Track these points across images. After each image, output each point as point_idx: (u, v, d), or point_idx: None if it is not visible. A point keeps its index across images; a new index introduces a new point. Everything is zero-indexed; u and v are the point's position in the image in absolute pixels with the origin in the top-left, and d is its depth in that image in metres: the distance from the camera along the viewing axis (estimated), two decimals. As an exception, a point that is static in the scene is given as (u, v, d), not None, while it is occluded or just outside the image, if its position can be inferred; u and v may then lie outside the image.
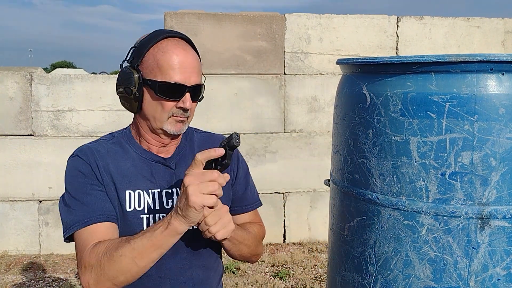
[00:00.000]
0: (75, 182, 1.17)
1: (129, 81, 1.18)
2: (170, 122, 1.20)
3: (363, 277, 1.18)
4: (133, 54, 1.20)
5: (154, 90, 1.16)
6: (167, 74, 1.15)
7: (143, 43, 1.19)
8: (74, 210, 1.14)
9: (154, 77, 1.16)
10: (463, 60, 1.01)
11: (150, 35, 1.20)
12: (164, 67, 1.16)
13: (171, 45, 1.18)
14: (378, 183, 1.13)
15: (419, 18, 4.22)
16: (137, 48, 1.20)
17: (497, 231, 1.03)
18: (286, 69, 4.06)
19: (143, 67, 1.18)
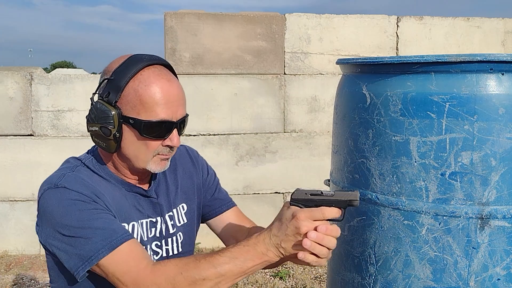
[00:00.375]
0: (74, 212, 1.00)
1: (106, 120, 1.03)
2: (155, 161, 1.10)
3: (363, 277, 1.18)
4: (107, 87, 1.05)
5: (138, 130, 1.04)
6: (152, 111, 1.03)
7: (119, 74, 1.04)
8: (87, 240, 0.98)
9: (137, 115, 1.03)
10: (463, 60, 1.01)
11: (125, 64, 1.05)
12: (149, 103, 1.03)
13: (154, 76, 1.05)
14: (378, 183, 1.13)
15: (419, 18, 4.22)
16: (112, 80, 1.04)
17: (497, 231, 1.03)
18: (286, 69, 4.06)
19: (122, 103, 1.04)
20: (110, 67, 1.08)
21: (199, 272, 0.97)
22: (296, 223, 0.93)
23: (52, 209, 1.01)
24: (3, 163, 3.84)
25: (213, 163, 4.61)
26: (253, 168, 4.02)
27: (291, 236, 0.94)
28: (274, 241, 0.96)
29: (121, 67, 1.05)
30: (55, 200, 1.02)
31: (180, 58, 3.88)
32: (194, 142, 3.93)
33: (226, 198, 1.36)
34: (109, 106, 1.04)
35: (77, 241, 0.99)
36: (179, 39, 3.86)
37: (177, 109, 1.08)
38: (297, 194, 0.97)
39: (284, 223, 0.96)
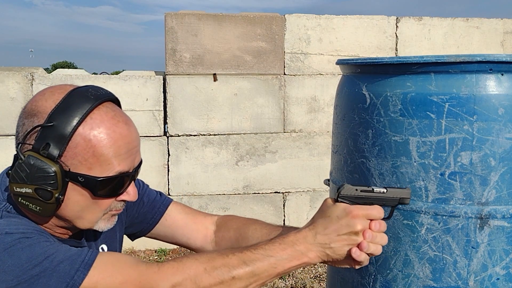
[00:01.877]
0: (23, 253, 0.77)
1: (45, 180, 0.80)
2: (104, 219, 0.91)
3: (363, 276, 1.19)
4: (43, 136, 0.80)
5: (90, 189, 0.84)
6: (108, 164, 0.83)
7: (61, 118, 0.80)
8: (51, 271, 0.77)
9: (88, 171, 0.82)
10: (462, 61, 1.01)
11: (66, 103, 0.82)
12: (105, 155, 0.83)
13: (108, 119, 0.84)
14: (378, 183, 1.13)
15: (418, 18, 4.23)
16: (51, 128, 0.80)
17: (496, 230, 1.04)
18: (286, 70, 4.06)
19: (68, 156, 0.81)
20: (42, 107, 0.82)
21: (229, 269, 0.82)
22: (351, 221, 0.84)
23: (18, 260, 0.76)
24: (4, 163, 3.84)
25: (213, 163, 4.62)
26: (253, 168, 4.02)
27: (344, 235, 0.84)
28: (320, 240, 0.85)
29: (60, 109, 0.81)
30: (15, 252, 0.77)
31: (181, 59, 3.88)
32: (194, 142, 3.94)
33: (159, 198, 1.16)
34: (49, 162, 0.80)
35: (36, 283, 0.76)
36: (180, 40, 3.86)
37: (135, 157, 0.89)
38: (346, 190, 0.89)
39: (334, 221, 0.85)
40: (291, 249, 0.85)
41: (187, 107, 3.90)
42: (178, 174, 3.94)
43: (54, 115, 0.81)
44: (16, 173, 0.83)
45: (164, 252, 3.88)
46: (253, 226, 1.10)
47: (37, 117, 0.82)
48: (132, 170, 0.89)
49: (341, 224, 0.85)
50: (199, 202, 3.98)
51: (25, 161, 0.82)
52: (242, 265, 0.83)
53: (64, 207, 0.85)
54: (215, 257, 0.83)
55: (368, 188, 0.89)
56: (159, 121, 3.90)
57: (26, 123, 0.84)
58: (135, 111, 3.82)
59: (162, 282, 0.80)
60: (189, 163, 3.95)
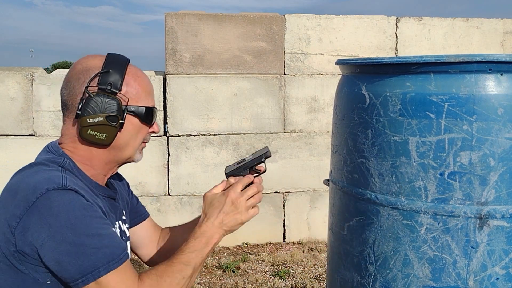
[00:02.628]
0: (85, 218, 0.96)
1: (111, 109, 1.07)
2: (139, 150, 1.18)
3: (363, 276, 1.19)
4: (104, 79, 1.08)
5: (139, 116, 1.12)
6: (146, 99, 1.14)
7: (113, 67, 1.10)
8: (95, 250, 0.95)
9: (136, 103, 1.12)
10: (462, 61, 1.01)
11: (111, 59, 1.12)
12: (144, 93, 1.14)
13: (137, 70, 1.16)
14: (377, 183, 1.13)
15: (418, 18, 4.23)
16: (108, 73, 1.08)
17: (495, 230, 1.04)
18: (286, 70, 4.06)
19: (124, 93, 1.10)
20: (93, 64, 1.11)
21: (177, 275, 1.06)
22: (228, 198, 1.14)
23: (59, 212, 0.94)
24: (4, 163, 3.85)
25: (213, 163, 4.62)
26: (253, 168, 4.02)
27: (229, 210, 1.14)
28: (216, 224, 1.13)
29: (110, 62, 1.11)
30: (65, 203, 0.95)
31: (181, 59, 3.88)
32: (195, 142, 3.94)
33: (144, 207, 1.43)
34: (113, 96, 1.08)
35: (82, 250, 0.94)
36: (180, 40, 3.87)
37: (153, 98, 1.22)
38: (228, 169, 1.22)
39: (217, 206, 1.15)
40: (204, 238, 1.12)
41: (187, 107, 3.90)
42: (178, 174, 3.94)
43: (107, 65, 1.09)
44: (88, 107, 1.07)
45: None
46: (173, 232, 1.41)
47: (92, 70, 1.09)
48: None
49: (225, 204, 1.14)
50: (199, 202, 3.98)
51: (95, 98, 1.07)
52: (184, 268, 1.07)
53: (119, 135, 1.11)
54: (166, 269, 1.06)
55: (241, 160, 1.23)
56: (159, 121, 3.90)
57: (82, 77, 1.09)
58: (135, 111, 3.82)
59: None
60: (189, 163, 3.95)
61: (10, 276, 0.98)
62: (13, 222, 0.94)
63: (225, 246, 4.04)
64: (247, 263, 3.67)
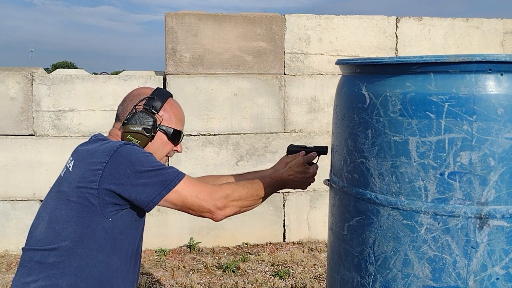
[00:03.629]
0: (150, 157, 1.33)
1: (148, 124, 1.43)
2: (163, 160, 1.50)
3: (363, 276, 1.19)
4: (149, 102, 1.45)
5: (167, 135, 1.47)
6: (177, 124, 1.50)
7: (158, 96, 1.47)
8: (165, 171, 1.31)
9: (168, 125, 1.48)
10: (462, 61, 1.01)
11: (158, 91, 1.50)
12: (177, 119, 1.50)
13: (176, 103, 1.53)
14: (377, 183, 1.13)
15: (418, 18, 4.23)
16: (152, 99, 1.46)
17: (495, 230, 1.04)
18: (286, 70, 4.06)
19: (161, 115, 1.46)
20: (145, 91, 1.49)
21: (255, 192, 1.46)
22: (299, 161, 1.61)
23: (132, 154, 1.30)
24: (4, 163, 3.85)
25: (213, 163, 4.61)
26: (253, 168, 4.02)
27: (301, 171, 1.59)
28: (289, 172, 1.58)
29: (157, 92, 1.49)
30: (133, 150, 1.31)
31: (181, 59, 3.88)
32: (195, 142, 3.94)
33: None
34: (152, 115, 1.44)
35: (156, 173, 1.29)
36: (180, 40, 3.86)
37: (184, 127, 1.56)
38: (291, 148, 1.70)
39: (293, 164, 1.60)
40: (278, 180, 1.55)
41: (187, 107, 3.90)
42: (178, 174, 3.94)
43: (154, 93, 1.48)
44: (133, 119, 1.43)
45: (164, 252, 3.88)
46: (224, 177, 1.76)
47: (142, 95, 1.48)
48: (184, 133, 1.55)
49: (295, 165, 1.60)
50: (199, 202, 3.98)
51: (139, 113, 1.44)
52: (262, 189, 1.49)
53: (150, 144, 1.45)
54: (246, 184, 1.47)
55: (303, 145, 1.71)
56: (159, 121, 3.90)
57: (134, 99, 1.48)
58: (135, 111, 3.82)
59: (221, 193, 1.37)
60: (189, 163, 3.95)
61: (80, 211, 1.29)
62: (99, 166, 1.28)
63: (225, 246, 4.04)
64: (247, 263, 3.67)
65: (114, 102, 3.87)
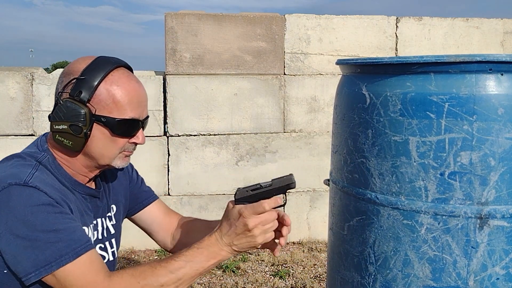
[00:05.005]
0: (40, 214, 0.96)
1: (77, 118, 1.04)
2: (119, 158, 1.14)
3: (363, 276, 1.19)
4: (77, 86, 1.05)
5: (110, 128, 1.07)
6: (124, 110, 1.08)
7: (90, 73, 1.06)
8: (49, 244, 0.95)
9: (109, 114, 1.07)
10: (462, 61, 1.01)
11: (95, 64, 1.07)
12: (121, 102, 1.07)
13: (124, 77, 1.09)
14: (378, 183, 1.13)
15: (418, 18, 4.23)
16: (83, 80, 1.05)
17: (496, 230, 1.04)
18: (286, 70, 4.06)
19: (94, 102, 1.06)
20: (76, 67, 1.07)
21: (157, 279, 1.00)
22: (243, 221, 1.03)
23: (15, 206, 0.95)
24: (4, 163, 3.85)
25: (213, 163, 4.62)
26: (253, 167, 4.02)
27: (242, 233, 1.04)
28: (226, 240, 1.05)
29: (90, 67, 1.06)
30: (23, 198, 0.96)
31: (181, 59, 3.88)
32: (195, 142, 3.94)
33: (151, 191, 1.42)
34: (80, 105, 1.05)
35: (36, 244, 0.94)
36: (180, 40, 3.86)
37: (143, 109, 1.13)
38: (240, 194, 1.06)
39: (232, 223, 1.04)
40: (206, 251, 1.04)
41: (187, 107, 3.90)
42: (178, 174, 3.94)
43: (85, 71, 1.06)
44: (56, 113, 1.06)
45: (164, 252, 3.88)
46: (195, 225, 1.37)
47: (72, 74, 1.07)
48: (141, 118, 1.13)
49: (237, 225, 1.04)
50: (199, 202, 3.99)
51: (63, 104, 1.05)
52: (168, 274, 1.01)
53: (90, 143, 1.09)
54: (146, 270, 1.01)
55: (256, 185, 1.06)
56: (159, 121, 3.90)
57: (64, 80, 1.08)
58: (135, 111, 3.83)
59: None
60: (189, 163, 3.95)
61: None
62: None
63: (225, 246, 4.04)
64: (247, 263, 3.67)
65: (114, 102, 3.87)
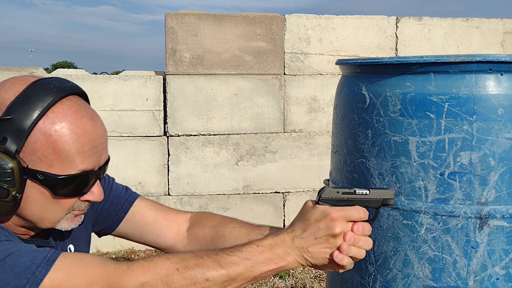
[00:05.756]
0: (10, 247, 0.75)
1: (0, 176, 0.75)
2: (68, 219, 0.86)
3: (363, 276, 1.19)
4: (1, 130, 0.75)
5: (50, 188, 0.79)
6: (70, 161, 0.79)
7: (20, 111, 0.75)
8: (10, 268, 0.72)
9: (48, 168, 0.77)
10: (462, 61, 1.01)
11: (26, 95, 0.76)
12: (66, 152, 0.78)
13: (71, 113, 0.79)
14: (377, 183, 1.13)
15: (418, 18, 4.23)
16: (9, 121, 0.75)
17: (495, 230, 1.04)
18: (286, 70, 4.06)
19: (26, 152, 0.76)
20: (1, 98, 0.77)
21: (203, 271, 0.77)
22: (329, 224, 0.80)
23: None
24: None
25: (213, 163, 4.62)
26: (253, 167, 4.02)
27: (322, 238, 0.81)
28: (298, 243, 0.82)
29: (20, 101, 0.76)
30: None
31: (181, 59, 3.88)
32: (195, 142, 3.94)
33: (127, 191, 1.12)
34: (6, 158, 0.75)
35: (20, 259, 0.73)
36: (180, 40, 3.86)
37: (101, 154, 0.84)
38: (327, 193, 0.85)
39: (312, 224, 0.81)
40: (269, 252, 0.81)
41: (187, 107, 3.90)
42: (178, 174, 3.94)
43: (12, 108, 0.75)
44: None
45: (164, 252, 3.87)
46: (231, 224, 1.05)
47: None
48: (97, 168, 0.84)
49: (319, 227, 0.81)
50: (199, 202, 3.99)
51: None
52: (217, 267, 0.78)
53: (24, 205, 0.80)
54: (189, 257, 0.78)
55: (350, 189, 0.84)
56: (159, 121, 3.90)
57: None
58: (135, 111, 3.82)
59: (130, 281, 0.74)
60: (189, 163, 3.95)
61: None
62: None
63: (225, 246, 4.04)
64: (247, 263, 3.67)
65: (113, 102, 3.87)
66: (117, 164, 3.70)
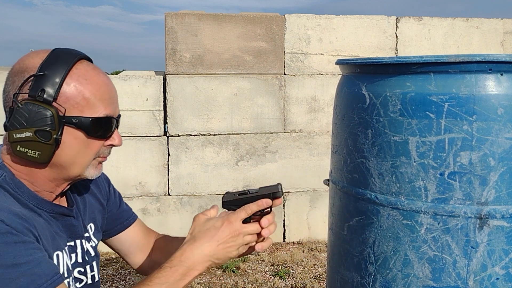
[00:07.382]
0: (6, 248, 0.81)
1: (43, 122, 0.87)
2: (93, 165, 0.98)
3: (362, 276, 1.19)
4: (37, 84, 0.88)
5: (84, 130, 0.92)
6: (97, 107, 0.93)
7: (51, 68, 0.89)
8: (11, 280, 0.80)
9: (80, 113, 0.91)
10: (462, 61, 1.01)
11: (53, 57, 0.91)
12: (92, 99, 0.92)
13: (90, 70, 0.94)
14: (377, 183, 1.13)
15: (418, 18, 4.23)
16: (43, 76, 0.88)
17: (495, 230, 1.04)
18: (286, 70, 4.06)
19: (61, 101, 0.90)
20: (31, 63, 0.91)
21: None
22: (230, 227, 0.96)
23: None
24: (4, 163, 3.84)
25: (213, 163, 4.62)
26: (253, 167, 4.02)
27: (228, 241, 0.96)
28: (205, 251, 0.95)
29: (49, 61, 0.90)
30: None
31: (181, 59, 3.88)
32: (195, 142, 3.94)
33: (130, 210, 1.27)
34: (46, 106, 0.88)
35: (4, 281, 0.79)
36: (180, 40, 3.86)
37: (116, 106, 0.99)
38: (228, 197, 1.04)
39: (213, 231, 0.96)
40: (181, 268, 0.93)
41: (187, 107, 3.90)
42: (178, 174, 3.94)
43: (44, 66, 0.90)
44: (15, 120, 0.89)
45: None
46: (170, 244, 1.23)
47: (27, 72, 0.90)
48: (115, 116, 0.99)
49: (223, 231, 0.96)
50: (199, 202, 3.99)
51: (23, 107, 0.88)
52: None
53: (60, 151, 0.92)
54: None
55: (245, 191, 1.03)
56: (159, 121, 3.90)
57: (17, 79, 0.91)
58: (135, 111, 3.82)
59: None
60: (189, 163, 3.95)
61: None
62: None
63: (225, 246, 4.04)
64: (247, 263, 3.67)
65: (114, 102, 3.87)
66: (117, 164, 3.70)
